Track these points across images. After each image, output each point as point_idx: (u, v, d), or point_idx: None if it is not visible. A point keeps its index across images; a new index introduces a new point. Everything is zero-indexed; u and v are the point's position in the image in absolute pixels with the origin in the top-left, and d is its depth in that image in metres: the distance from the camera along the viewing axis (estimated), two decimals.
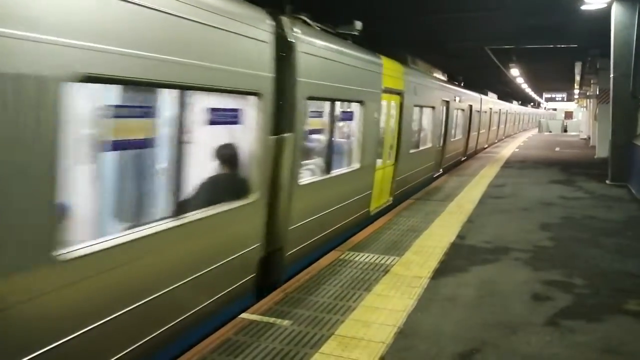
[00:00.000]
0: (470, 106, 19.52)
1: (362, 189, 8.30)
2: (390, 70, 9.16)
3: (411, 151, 11.24)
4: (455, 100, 16.13)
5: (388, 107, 9.31)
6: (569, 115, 57.63)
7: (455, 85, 17.81)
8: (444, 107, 14.66)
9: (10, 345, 2.75)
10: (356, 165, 7.92)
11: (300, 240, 6.22)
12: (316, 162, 6.99)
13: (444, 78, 15.78)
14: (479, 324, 4.58)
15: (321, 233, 6.85)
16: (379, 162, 9.01)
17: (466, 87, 20.02)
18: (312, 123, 6.62)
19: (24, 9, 2.62)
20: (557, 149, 25.82)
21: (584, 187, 12.58)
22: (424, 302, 5.02)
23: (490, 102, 26.36)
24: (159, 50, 3.57)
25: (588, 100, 32.30)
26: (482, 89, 23.59)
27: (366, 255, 6.54)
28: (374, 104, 8.30)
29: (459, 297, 5.19)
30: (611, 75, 12.67)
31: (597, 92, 22.09)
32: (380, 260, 6.31)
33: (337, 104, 7.23)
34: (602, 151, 18.70)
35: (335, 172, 7.22)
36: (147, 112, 3.87)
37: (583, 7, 11.85)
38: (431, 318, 4.67)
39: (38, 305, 2.85)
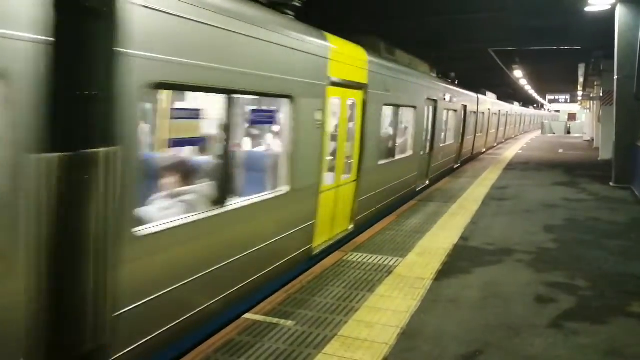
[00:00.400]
0: (465, 106, 17.57)
1: (294, 221, 5.93)
2: (344, 56, 6.96)
3: (381, 162, 8.95)
4: (445, 99, 14.05)
5: (342, 105, 7.12)
6: (572, 117, 57.58)
7: (446, 82, 15.64)
8: (431, 107, 12.52)
9: None
10: (282, 189, 5.60)
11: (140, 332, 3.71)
12: (195, 189, 4.66)
13: (432, 74, 13.77)
14: (482, 325, 4.57)
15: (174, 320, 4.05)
16: (328, 179, 6.77)
17: (461, 85, 18.00)
18: (184, 128, 4.50)
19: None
20: (561, 150, 25.77)
21: (588, 189, 12.55)
22: (427, 304, 5.02)
23: (489, 102, 24.33)
24: None
25: (592, 102, 32.24)
26: (478, 89, 21.64)
27: (369, 256, 6.54)
28: (312, 100, 6.03)
29: (462, 299, 5.19)
30: (615, 77, 12.66)
31: (601, 94, 22.05)
32: (383, 262, 6.31)
33: (237, 97, 4.68)
34: (606, 153, 18.66)
35: (233, 202, 4.67)
36: None
37: (587, 9, 11.86)
38: (434, 319, 4.67)
39: None
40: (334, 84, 6.58)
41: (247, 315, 4.63)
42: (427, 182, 12.85)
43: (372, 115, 8.06)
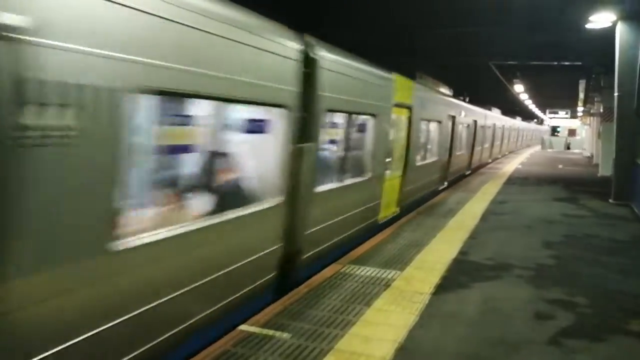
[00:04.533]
0: (475, 121, 19.89)
1: (372, 198, 8.86)
2: (400, 85, 9.67)
3: (418, 164, 11.80)
4: (461, 115, 16.66)
5: (397, 120, 9.91)
6: (572, 132, 57.61)
7: (460, 100, 18.26)
8: (450, 122, 15.11)
9: None
10: (368, 175, 8.60)
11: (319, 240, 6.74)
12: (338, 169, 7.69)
13: (449, 93, 16.11)
14: (480, 341, 4.53)
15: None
16: (388, 172, 9.77)
17: (472, 102, 20.58)
18: (333, 133, 7.53)
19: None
20: (560, 166, 25.79)
21: (587, 205, 12.53)
22: (425, 318, 4.97)
23: (494, 117, 26.75)
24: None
25: (592, 117, 32.33)
26: (486, 105, 24.02)
27: (367, 269, 6.49)
28: (385, 117, 8.93)
29: (461, 314, 5.14)
30: (615, 94, 12.69)
31: (601, 110, 22.11)
32: (381, 275, 6.27)
33: (353, 116, 7.83)
34: (605, 169, 18.67)
35: (352, 181, 7.96)
36: None
37: (588, 26, 11.91)
38: (432, 334, 4.62)
39: None
40: (396, 105, 9.39)
41: (242, 327, 4.58)
42: (446, 184, 15.45)
43: (414, 127, 10.77)
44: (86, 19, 2.95)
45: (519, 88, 26.99)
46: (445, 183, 15.39)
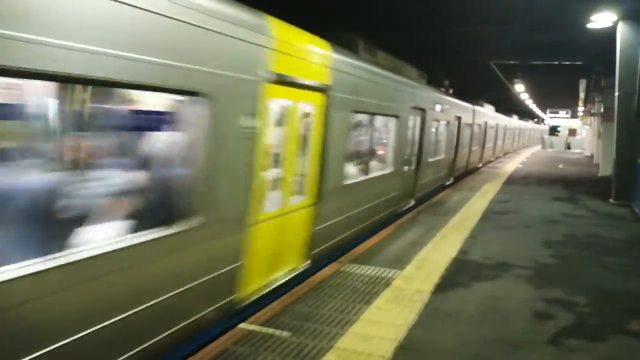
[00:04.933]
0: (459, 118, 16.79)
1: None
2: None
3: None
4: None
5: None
6: (572, 132, 57.58)
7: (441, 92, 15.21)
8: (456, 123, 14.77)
9: None
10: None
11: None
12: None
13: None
14: (480, 340, 4.53)
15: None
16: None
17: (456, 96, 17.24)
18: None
19: None
20: (561, 166, 25.78)
21: (587, 205, 12.53)
22: (425, 317, 4.98)
23: (488, 114, 23.87)
24: None
25: (592, 117, 32.33)
26: (476, 100, 20.84)
27: (367, 267, 6.50)
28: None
29: (461, 313, 5.15)
30: (616, 94, 12.68)
31: (602, 110, 22.10)
32: (381, 274, 6.27)
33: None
34: (606, 169, 18.66)
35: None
36: None
37: (589, 25, 11.90)
38: (432, 333, 4.63)
39: None
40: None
41: (242, 325, 4.59)
42: (452, 180, 16.23)
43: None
44: None
45: (519, 88, 26.98)
46: (452, 179, 16.04)
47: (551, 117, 51.30)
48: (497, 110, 29.24)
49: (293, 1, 9.22)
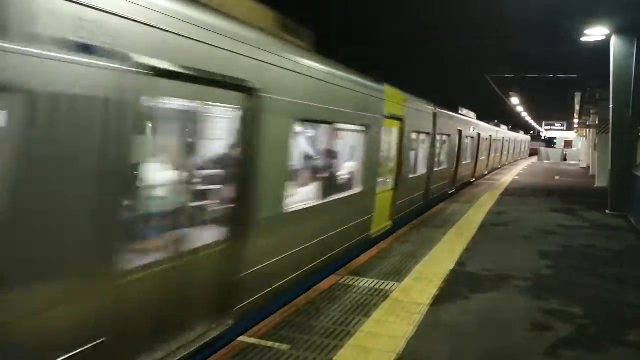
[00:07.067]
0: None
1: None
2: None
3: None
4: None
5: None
6: (568, 144, 57.92)
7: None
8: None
9: None
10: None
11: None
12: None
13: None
14: (478, 352, 4.54)
15: None
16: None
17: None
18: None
19: None
20: (557, 177, 25.88)
21: (584, 216, 12.58)
22: (424, 329, 4.99)
23: (461, 121, 18.02)
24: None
25: (588, 129, 32.52)
26: (455, 106, 17.73)
27: (365, 280, 6.51)
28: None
29: (459, 325, 5.16)
30: (610, 106, 12.81)
31: (597, 122, 22.25)
32: (379, 286, 6.29)
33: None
34: (602, 180, 18.76)
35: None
36: None
37: (583, 39, 12.06)
38: (430, 345, 4.63)
39: None
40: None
41: (241, 338, 4.59)
42: (454, 189, 17.38)
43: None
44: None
45: (515, 101, 27.17)
46: (454, 189, 17.24)
47: (547, 130, 51.57)
48: (484, 116, 24.90)
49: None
